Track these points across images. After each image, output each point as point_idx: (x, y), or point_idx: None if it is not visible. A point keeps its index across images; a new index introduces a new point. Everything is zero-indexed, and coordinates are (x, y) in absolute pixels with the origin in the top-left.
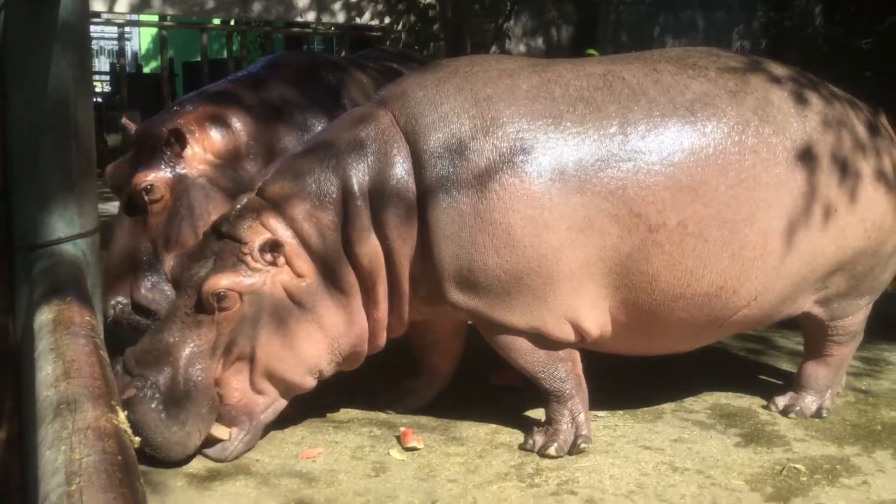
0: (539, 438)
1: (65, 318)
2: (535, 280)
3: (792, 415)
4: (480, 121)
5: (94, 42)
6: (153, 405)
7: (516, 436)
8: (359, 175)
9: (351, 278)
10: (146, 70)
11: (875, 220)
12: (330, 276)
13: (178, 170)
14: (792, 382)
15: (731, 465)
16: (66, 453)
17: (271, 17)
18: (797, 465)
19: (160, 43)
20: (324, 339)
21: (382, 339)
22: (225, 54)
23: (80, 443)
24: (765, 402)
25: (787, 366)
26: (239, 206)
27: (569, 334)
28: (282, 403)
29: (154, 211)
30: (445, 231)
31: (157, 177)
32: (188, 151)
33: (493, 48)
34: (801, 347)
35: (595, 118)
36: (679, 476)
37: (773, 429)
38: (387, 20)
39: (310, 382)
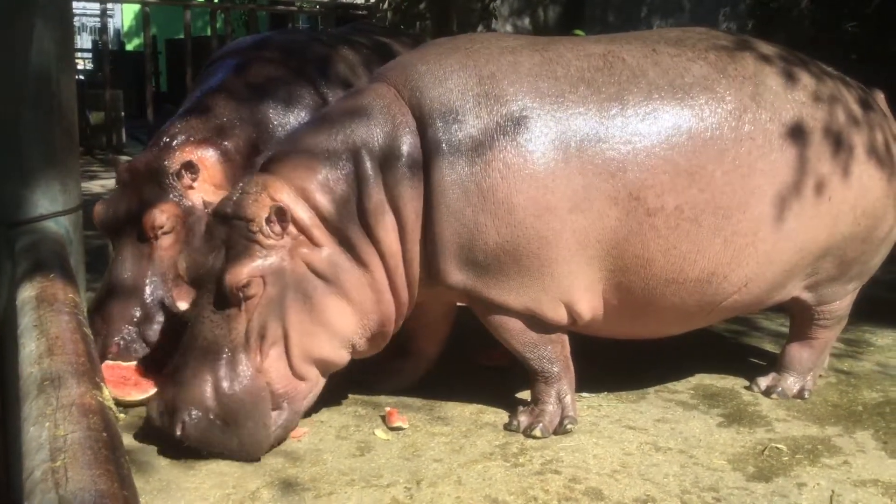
0: (524, 419)
1: (48, 295)
2: (534, 262)
3: (774, 395)
4: (484, 98)
5: (76, 19)
6: (208, 423)
7: (501, 416)
8: (369, 148)
9: (372, 251)
10: (129, 47)
11: (867, 206)
12: (349, 248)
13: (187, 202)
14: (774, 363)
15: (713, 444)
16: (51, 430)
17: None
18: (779, 445)
19: (143, 20)
20: (353, 312)
21: (399, 322)
22: (209, 32)
23: (65, 419)
24: (747, 383)
25: (769, 347)
26: (241, 185)
27: (562, 317)
28: (321, 385)
29: (164, 245)
30: (450, 208)
31: (171, 210)
32: (196, 183)
33: (480, 27)
34: (784, 329)
35: (596, 99)
36: (662, 455)
37: (755, 409)
38: None
39: (345, 357)
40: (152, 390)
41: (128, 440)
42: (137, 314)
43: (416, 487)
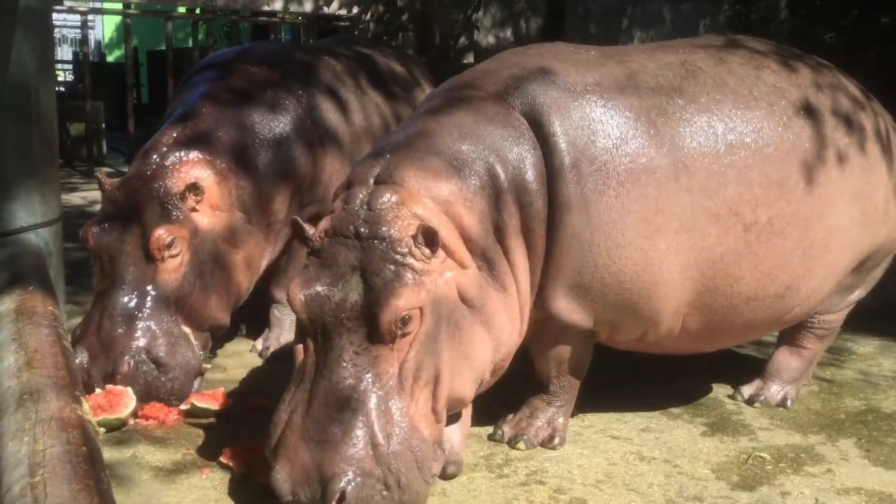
0: (508, 429)
1: (27, 308)
2: (636, 284)
3: (757, 404)
4: (597, 110)
5: (56, 30)
6: (370, 488)
7: (486, 426)
8: (502, 160)
9: (510, 274)
10: (110, 59)
11: (894, 217)
12: (490, 270)
13: (192, 224)
14: (758, 372)
15: (697, 454)
16: (30, 444)
17: (237, 5)
18: (762, 454)
19: (124, 31)
20: (491, 342)
21: None
22: (190, 43)
23: (44, 434)
24: (731, 392)
25: (752, 356)
26: (363, 198)
27: (636, 338)
28: None
29: (169, 268)
30: (573, 230)
31: (179, 232)
32: (199, 204)
33: (462, 39)
34: (766, 338)
35: (694, 110)
36: (646, 465)
37: (738, 418)
38: (355, 10)
39: (472, 396)
40: (133, 405)
41: (108, 454)
42: (145, 335)
43: None
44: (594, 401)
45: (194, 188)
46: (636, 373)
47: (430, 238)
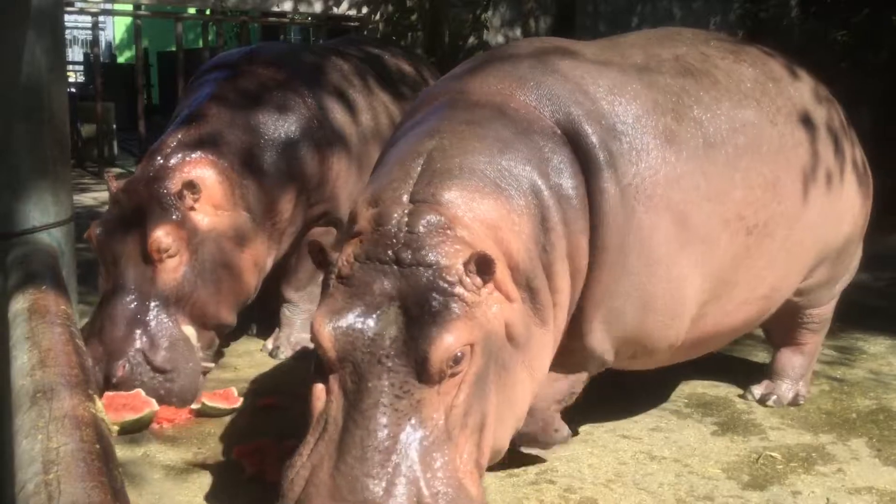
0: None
1: (40, 307)
2: (662, 304)
3: (769, 403)
4: (628, 117)
5: (67, 31)
6: None
7: None
8: (544, 174)
9: (551, 305)
10: (120, 60)
11: (860, 208)
12: (532, 300)
13: (191, 224)
14: (767, 371)
15: (707, 453)
16: (43, 442)
17: (247, 6)
18: (773, 454)
19: (134, 32)
20: (531, 385)
21: None
22: (201, 44)
23: (58, 431)
24: (741, 391)
25: (761, 355)
26: (399, 219)
27: (649, 362)
28: None
29: (168, 268)
30: (619, 249)
31: (177, 233)
32: (198, 204)
33: (472, 39)
34: None
35: (701, 111)
36: (657, 464)
37: (749, 417)
38: (364, 10)
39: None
40: (149, 410)
41: (121, 452)
42: (142, 339)
43: None
44: (604, 400)
45: (191, 186)
46: (645, 373)
47: (484, 267)
